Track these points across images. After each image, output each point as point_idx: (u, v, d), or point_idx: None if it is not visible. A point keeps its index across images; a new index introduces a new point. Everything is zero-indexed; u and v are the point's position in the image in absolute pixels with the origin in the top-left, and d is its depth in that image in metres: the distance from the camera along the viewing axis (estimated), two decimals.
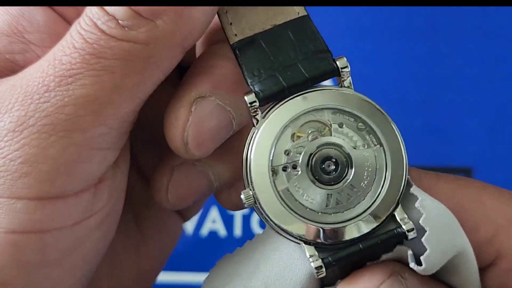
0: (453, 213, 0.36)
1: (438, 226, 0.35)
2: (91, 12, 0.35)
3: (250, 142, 0.37)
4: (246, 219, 0.69)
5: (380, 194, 0.36)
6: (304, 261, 0.36)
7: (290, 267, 0.36)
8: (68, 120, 0.34)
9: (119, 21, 0.34)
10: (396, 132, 0.37)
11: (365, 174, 0.36)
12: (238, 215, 0.69)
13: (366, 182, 0.36)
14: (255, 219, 0.68)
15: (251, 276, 0.37)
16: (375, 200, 0.36)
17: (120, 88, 0.35)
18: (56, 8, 0.39)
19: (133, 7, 0.34)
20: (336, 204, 0.36)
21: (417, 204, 0.35)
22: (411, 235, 0.36)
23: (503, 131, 0.66)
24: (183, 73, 0.40)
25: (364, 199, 0.36)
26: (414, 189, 0.36)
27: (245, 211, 0.67)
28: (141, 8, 0.34)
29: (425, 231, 0.35)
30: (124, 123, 0.36)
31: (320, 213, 0.36)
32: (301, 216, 0.36)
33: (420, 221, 0.35)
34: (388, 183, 0.36)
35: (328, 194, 0.36)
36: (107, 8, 0.35)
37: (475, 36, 0.64)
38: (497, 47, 0.64)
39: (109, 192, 0.37)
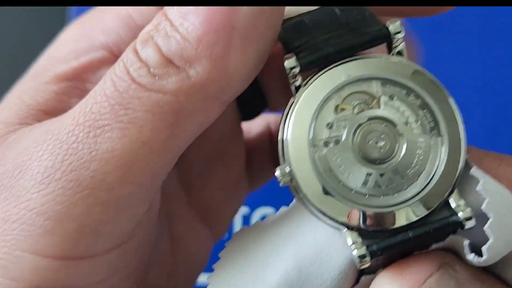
0: None
1: (503, 212, 0.31)
2: (126, 56, 0.32)
3: (288, 113, 0.32)
4: (246, 220, 0.65)
5: (434, 177, 0.32)
6: (344, 245, 0.32)
7: (327, 250, 0.32)
8: (93, 177, 0.31)
9: (151, 69, 0.31)
10: (454, 108, 0.33)
11: (414, 161, 0.32)
12: (237, 216, 0.65)
13: (413, 171, 0.32)
14: (255, 219, 0.65)
15: (279, 255, 0.33)
16: (429, 182, 0.32)
17: (148, 143, 0.31)
18: None
19: (164, 53, 0.31)
20: (373, 186, 0.32)
21: (478, 188, 0.31)
22: (468, 224, 0.31)
23: (503, 131, 0.62)
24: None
25: (408, 187, 0.32)
26: (474, 171, 0.32)
27: (245, 211, 0.63)
28: (173, 55, 0.31)
29: (487, 218, 0.31)
30: (155, 178, 0.33)
31: (367, 196, 0.32)
32: (344, 197, 0.32)
33: (482, 207, 0.31)
34: (444, 165, 0.32)
35: (367, 174, 0.32)
36: (141, 53, 0.32)
37: (475, 36, 0.61)
38: (497, 47, 0.61)
39: (138, 247, 0.35)
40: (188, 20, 0.31)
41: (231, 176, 0.42)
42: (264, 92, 0.42)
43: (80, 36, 0.37)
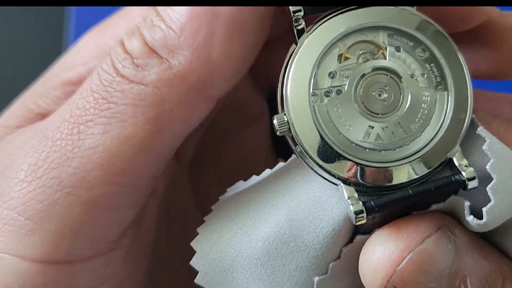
0: None
1: (507, 174, 0.29)
2: (113, 50, 0.31)
3: (289, 59, 0.31)
4: None
5: (438, 134, 0.30)
6: (340, 201, 0.31)
7: (322, 205, 0.31)
8: (74, 174, 0.30)
9: (134, 60, 0.30)
10: (462, 64, 0.31)
11: (419, 116, 0.31)
12: None
13: (417, 126, 0.31)
14: None
15: (272, 208, 0.32)
16: (431, 140, 0.30)
17: (130, 139, 0.30)
18: None
19: (149, 42, 0.30)
20: (374, 140, 0.30)
21: (484, 147, 0.30)
22: (471, 184, 0.30)
23: None
24: None
25: (410, 142, 0.30)
26: (481, 130, 0.30)
27: None
28: (157, 43, 0.30)
29: (491, 179, 0.29)
30: (139, 179, 0.31)
31: (368, 150, 0.30)
32: (342, 150, 0.30)
33: (487, 167, 0.29)
34: (449, 121, 0.30)
35: (369, 126, 0.30)
36: (127, 44, 0.31)
37: None
38: None
39: (126, 257, 0.33)
40: (174, 9, 0.30)
41: None
42: None
43: (91, 44, 0.36)
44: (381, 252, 0.30)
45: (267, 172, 0.34)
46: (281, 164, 0.33)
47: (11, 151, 0.32)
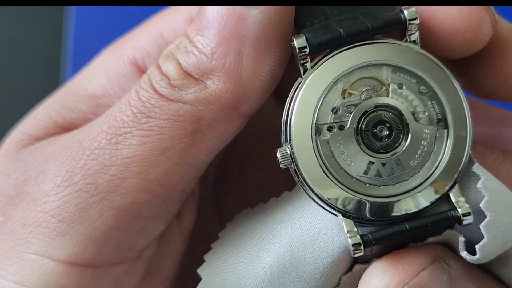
0: None
1: (500, 211, 0.30)
2: (150, 71, 0.33)
3: (294, 94, 0.32)
4: None
5: (436, 170, 0.31)
6: (339, 233, 0.32)
7: (322, 237, 0.32)
8: (110, 181, 0.32)
9: (171, 81, 0.33)
10: (463, 102, 0.32)
11: (418, 153, 0.31)
12: None
13: (416, 162, 0.31)
14: None
15: (274, 238, 0.33)
16: (430, 176, 0.31)
17: (167, 151, 0.32)
18: None
19: (183, 66, 0.33)
20: (374, 175, 0.31)
21: (479, 185, 0.31)
22: (466, 220, 0.31)
23: None
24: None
25: (409, 178, 0.31)
26: (476, 167, 0.31)
27: None
28: (191, 67, 0.32)
29: (485, 216, 0.30)
30: (172, 191, 0.33)
31: (368, 185, 0.31)
32: (343, 185, 0.31)
33: (481, 204, 0.30)
34: (447, 159, 0.31)
35: (370, 162, 0.31)
36: (162, 66, 0.33)
37: None
38: None
39: (146, 270, 0.35)
40: (203, 35, 0.32)
41: None
42: None
43: (110, 55, 0.38)
44: (377, 284, 0.31)
45: (273, 200, 0.35)
46: (286, 193, 0.35)
47: (43, 158, 0.34)
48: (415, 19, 0.32)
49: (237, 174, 0.40)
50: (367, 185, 0.31)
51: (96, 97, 0.36)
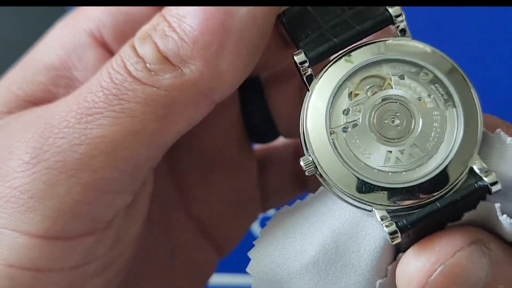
0: None
1: None
2: (124, 51, 0.35)
3: (305, 106, 0.34)
4: None
5: (454, 147, 0.32)
6: (378, 224, 0.33)
7: (363, 226, 0.33)
8: (79, 159, 0.33)
9: (147, 64, 0.34)
10: (465, 78, 0.33)
11: (432, 135, 0.33)
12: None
13: (432, 143, 0.33)
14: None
15: (317, 231, 0.34)
16: (450, 152, 0.32)
17: (137, 133, 0.34)
18: (109, 48, 0.38)
19: (161, 50, 0.34)
20: (395, 163, 0.33)
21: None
22: (495, 188, 0.32)
23: None
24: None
25: (429, 160, 0.32)
26: (499, 132, 0.32)
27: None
28: (170, 52, 0.34)
29: None
30: (139, 168, 0.35)
31: (390, 173, 0.32)
32: (368, 178, 0.33)
33: None
34: (462, 134, 0.32)
35: (388, 151, 0.33)
36: (139, 49, 0.34)
37: (475, 36, 0.61)
38: (497, 47, 0.60)
39: (115, 238, 0.36)
40: (186, 22, 0.33)
41: (237, 191, 0.43)
42: (275, 120, 0.43)
43: (66, 26, 0.39)
44: (414, 264, 0.31)
45: (310, 196, 0.36)
46: (322, 188, 0.36)
47: (8, 135, 0.35)
48: (400, 15, 0.34)
49: (189, 142, 0.41)
50: (390, 173, 0.33)
51: (55, 68, 0.37)
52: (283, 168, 0.45)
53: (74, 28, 0.38)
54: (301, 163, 0.33)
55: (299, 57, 0.34)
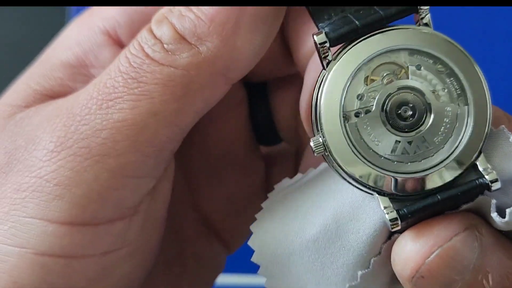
0: None
1: None
2: (141, 36, 0.34)
3: (319, 86, 0.34)
4: None
5: (460, 144, 0.33)
6: (379, 205, 0.34)
7: (364, 209, 0.34)
8: (103, 144, 0.33)
9: (164, 45, 0.34)
10: (480, 76, 0.34)
11: (442, 129, 0.34)
12: None
13: (440, 138, 0.34)
14: None
15: (318, 211, 0.35)
16: (455, 148, 0.33)
17: (157, 114, 0.34)
18: (125, 46, 0.38)
19: (178, 30, 0.33)
20: (401, 153, 0.34)
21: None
22: (494, 186, 0.33)
23: None
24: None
25: (435, 154, 0.33)
26: (505, 131, 0.33)
27: None
28: (187, 31, 0.33)
29: None
30: (162, 151, 0.35)
31: (396, 162, 0.33)
32: (375, 165, 0.34)
33: None
34: (470, 132, 0.33)
35: (396, 141, 0.34)
36: (156, 31, 0.34)
37: (475, 36, 0.60)
38: (497, 47, 0.60)
39: (143, 223, 0.36)
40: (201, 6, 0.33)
41: (245, 190, 0.44)
42: (277, 125, 0.43)
43: (82, 25, 0.39)
44: (413, 245, 0.33)
45: (311, 171, 0.37)
46: (324, 164, 0.37)
47: (31, 128, 0.35)
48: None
49: (198, 141, 0.41)
50: (395, 162, 0.34)
51: (72, 66, 0.38)
52: (288, 167, 0.45)
53: (89, 27, 0.38)
54: (311, 144, 0.34)
55: (319, 37, 0.34)
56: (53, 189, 0.34)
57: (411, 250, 0.33)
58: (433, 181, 0.34)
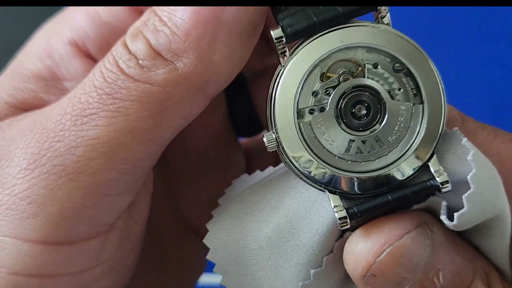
0: (506, 177, 0.33)
1: (483, 184, 0.32)
2: (116, 50, 0.34)
3: (275, 81, 0.34)
4: None
5: (414, 144, 0.33)
6: (330, 205, 0.34)
7: (317, 207, 0.34)
8: (77, 162, 0.33)
9: (139, 61, 0.33)
10: (436, 75, 0.33)
11: (396, 128, 0.33)
12: None
13: (394, 137, 0.33)
14: None
15: (273, 209, 0.35)
16: (409, 148, 0.33)
17: (133, 131, 0.33)
18: (95, 59, 0.37)
19: (153, 45, 0.33)
20: (355, 152, 0.33)
21: (469, 157, 0.32)
22: (445, 188, 0.33)
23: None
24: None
25: (388, 153, 0.33)
26: (466, 142, 0.33)
27: None
28: (162, 47, 0.33)
29: (468, 187, 0.32)
30: (138, 168, 0.34)
31: (350, 162, 0.33)
32: (327, 163, 0.33)
33: (468, 177, 0.32)
34: (424, 132, 0.33)
35: (350, 140, 0.33)
36: (131, 46, 0.33)
37: (476, 36, 0.60)
38: (497, 47, 0.60)
39: (120, 240, 0.36)
40: (177, 16, 0.33)
41: (226, 187, 0.42)
42: (259, 115, 0.43)
43: (51, 33, 0.38)
44: (363, 244, 0.33)
45: (270, 169, 0.37)
46: (282, 164, 0.37)
47: (4, 142, 0.35)
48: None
49: (178, 142, 0.40)
50: (349, 162, 0.33)
51: (45, 79, 0.37)
52: (269, 160, 0.44)
53: (58, 37, 0.37)
54: (264, 139, 0.34)
55: (275, 32, 0.33)
56: (27, 208, 0.33)
57: (362, 249, 0.33)
58: (385, 181, 0.33)
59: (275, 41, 0.33)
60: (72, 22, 0.38)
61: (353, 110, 0.33)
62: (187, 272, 0.44)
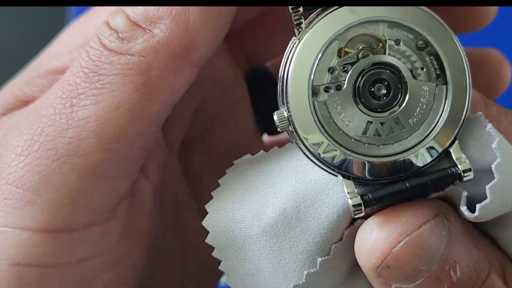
0: None
1: (507, 175, 0.30)
2: (99, 29, 0.33)
3: (288, 55, 0.31)
4: None
5: (436, 127, 0.31)
6: (343, 189, 0.32)
7: (327, 192, 0.32)
8: (69, 144, 0.32)
9: (119, 34, 0.33)
10: (462, 55, 0.31)
11: (417, 110, 0.31)
12: None
13: (415, 120, 0.31)
14: None
15: (279, 192, 0.33)
16: (429, 133, 0.31)
17: (121, 107, 0.32)
18: None
19: (131, 17, 0.33)
20: (373, 135, 0.31)
21: (494, 145, 0.30)
22: (467, 176, 0.31)
23: None
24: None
25: (408, 137, 0.31)
26: (491, 128, 0.31)
27: None
28: (139, 17, 0.32)
29: (490, 177, 0.30)
30: (132, 148, 0.33)
31: (367, 145, 0.31)
32: (342, 146, 0.31)
33: (493, 166, 0.30)
34: (447, 116, 0.31)
35: (368, 121, 0.31)
36: (111, 22, 0.33)
37: (476, 36, 0.59)
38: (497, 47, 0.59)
39: (122, 230, 0.35)
40: None
41: None
42: None
43: (76, 33, 0.38)
44: (379, 233, 0.31)
45: (276, 150, 0.35)
46: (289, 144, 0.34)
47: (3, 133, 0.34)
48: None
49: (202, 141, 0.40)
50: (366, 145, 0.31)
51: (58, 72, 0.36)
52: None
53: (83, 35, 0.37)
54: (275, 117, 0.31)
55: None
56: (24, 195, 0.32)
57: (377, 239, 0.31)
58: (404, 167, 0.31)
59: (290, 10, 0.31)
60: (98, 20, 0.37)
61: (372, 89, 0.31)
62: (208, 273, 0.42)
